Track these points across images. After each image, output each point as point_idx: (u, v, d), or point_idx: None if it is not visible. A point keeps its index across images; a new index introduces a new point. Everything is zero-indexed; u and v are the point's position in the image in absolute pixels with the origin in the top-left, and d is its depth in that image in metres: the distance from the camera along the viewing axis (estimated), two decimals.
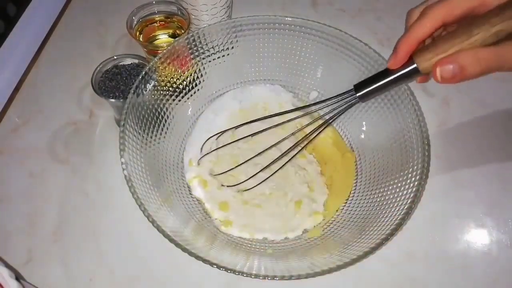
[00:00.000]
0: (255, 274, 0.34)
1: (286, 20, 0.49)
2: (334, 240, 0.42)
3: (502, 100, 0.57)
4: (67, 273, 0.43)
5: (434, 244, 0.46)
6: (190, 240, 0.38)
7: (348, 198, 0.47)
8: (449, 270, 0.44)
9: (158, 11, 0.52)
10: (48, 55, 0.60)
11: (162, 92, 0.47)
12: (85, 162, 0.51)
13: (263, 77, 0.54)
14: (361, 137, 0.50)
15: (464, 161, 0.52)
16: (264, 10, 0.66)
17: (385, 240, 0.36)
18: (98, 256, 0.44)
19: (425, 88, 0.57)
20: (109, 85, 0.48)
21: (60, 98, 0.56)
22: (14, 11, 0.57)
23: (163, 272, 0.44)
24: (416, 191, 0.38)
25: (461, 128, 0.54)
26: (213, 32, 0.49)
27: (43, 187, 0.49)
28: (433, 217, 0.47)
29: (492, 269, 0.45)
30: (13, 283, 0.35)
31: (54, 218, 0.47)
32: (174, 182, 0.46)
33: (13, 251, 0.44)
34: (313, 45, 0.50)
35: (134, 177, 0.38)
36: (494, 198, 0.49)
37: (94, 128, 0.53)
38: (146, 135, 0.45)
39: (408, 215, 0.37)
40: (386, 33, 0.62)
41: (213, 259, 0.35)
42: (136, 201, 0.36)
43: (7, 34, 0.56)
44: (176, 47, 0.47)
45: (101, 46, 0.62)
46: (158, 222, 0.36)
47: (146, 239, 0.44)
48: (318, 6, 0.67)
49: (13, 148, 0.52)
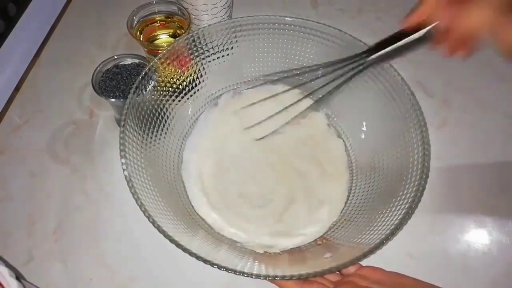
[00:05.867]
0: (256, 274, 0.34)
1: (286, 20, 0.49)
2: (334, 241, 0.42)
3: (502, 100, 0.57)
4: (67, 273, 0.43)
5: (434, 244, 0.46)
6: (190, 240, 0.38)
7: (348, 199, 0.47)
8: (449, 270, 0.45)
9: (158, 11, 0.52)
10: (48, 55, 0.60)
11: (162, 92, 0.47)
12: (85, 162, 0.51)
13: (263, 77, 0.54)
14: (361, 137, 0.50)
15: (464, 161, 0.52)
16: (264, 10, 0.66)
17: (385, 240, 0.36)
18: (98, 256, 0.44)
19: (425, 88, 0.57)
20: (110, 85, 0.48)
21: (60, 98, 0.56)
22: (14, 11, 0.57)
23: (163, 272, 0.44)
24: (416, 190, 0.38)
25: (461, 128, 0.54)
26: (213, 32, 0.49)
27: (43, 187, 0.49)
28: (433, 217, 0.47)
29: (492, 269, 0.45)
30: (13, 283, 0.35)
31: (54, 218, 0.47)
32: (174, 182, 0.46)
33: (14, 250, 0.44)
34: (313, 45, 0.50)
35: (134, 178, 0.38)
36: (494, 198, 0.49)
37: (94, 128, 0.53)
38: (146, 136, 0.45)
39: (408, 214, 0.37)
40: (386, 33, 0.62)
41: (214, 259, 0.35)
42: (136, 201, 0.36)
43: (7, 34, 0.56)
44: (176, 47, 0.47)
45: (102, 46, 0.62)
46: (159, 223, 0.36)
47: (146, 239, 0.45)
48: (318, 6, 0.67)
49: (13, 148, 0.52)
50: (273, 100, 0.52)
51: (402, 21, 0.36)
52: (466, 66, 0.58)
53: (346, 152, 0.50)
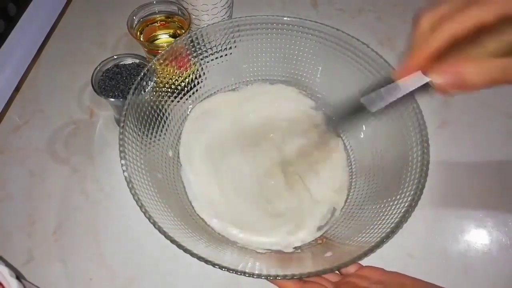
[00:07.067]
0: (257, 274, 0.34)
1: (285, 20, 0.49)
2: (334, 240, 0.42)
3: (502, 100, 0.57)
4: (67, 273, 0.43)
5: (434, 244, 0.46)
6: (192, 241, 0.38)
7: (347, 198, 0.47)
8: (449, 270, 0.45)
9: (158, 11, 0.52)
10: (48, 55, 0.60)
11: (161, 93, 0.47)
12: (85, 162, 0.51)
13: (262, 77, 0.54)
14: (360, 137, 0.50)
15: (464, 161, 0.52)
16: (264, 10, 0.66)
17: (385, 238, 0.36)
18: (98, 256, 0.44)
19: None
20: (109, 85, 0.47)
21: (60, 98, 0.56)
22: (14, 11, 0.57)
23: (163, 273, 0.44)
24: (416, 189, 0.38)
25: (461, 128, 0.54)
26: (212, 32, 0.49)
27: (43, 187, 0.49)
28: (433, 217, 0.47)
29: (492, 269, 0.45)
30: (13, 283, 0.35)
31: (54, 217, 0.47)
32: (174, 183, 0.46)
33: (14, 250, 0.44)
34: (312, 45, 0.50)
35: (134, 179, 0.38)
36: (494, 198, 0.49)
37: (94, 128, 0.53)
38: (145, 137, 0.45)
39: (408, 213, 0.37)
40: (386, 33, 0.62)
41: (215, 260, 0.34)
42: (137, 202, 0.36)
43: (7, 34, 0.56)
44: (175, 48, 0.47)
45: (102, 46, 0.62)
46: (160, 224, 0.36)
47: (146, 239, 0.45)
48: (318, 6, 0.67)
49: (13, 148, 0.52)
50: (272, 99, 0.52)
51: (392, 74, 0.33)
52: None
53: (345, 151, 0.50)
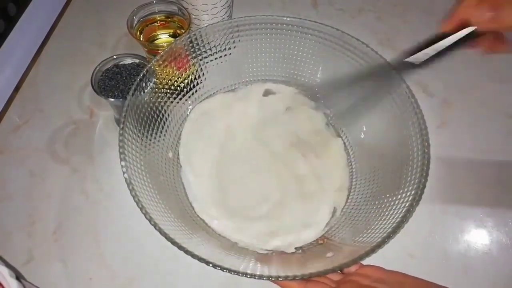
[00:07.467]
0: (259, 275, 0.34)
1: (285, 20, 0.49)
2: (335, 240, 0.42)
3: (502, 100, 0.57)
4: (67, 273, 0.43)
5: (434, 244, 0.46)
6: (192, 242, 0.38)
7: (348, 198, 0.47)
8: (449, 270, 0.45)
9: (158, 11, 0.51)
10: (48, 55, 0.60)
11: (161, 93, 0.47)
12: (85, 161, 0.51)
13: (262, 77, 0.54)
14: (360, 136, 0.50)
15: (464, 161, 0.52)
16: (264, 10, 0.66)
17: (386, 238, 0.36)
18: (98, 256, 0.44)
19: (425, 88, 0.57)
20: (109, 84, 0.47)
21: (60, 98, 0.56)
22: (14, 11, 0.57)
23: (163, 273, 0.44)
24: (416, 188, 0.38)
25: (461, 128, 0.54)
26: (211, 33, 0.49)
27: (43, 187, 0.49)
28: (433, 217, 0.47)
29: (492, 269, 0.45)
30: (13, 283, 0.35)
31: (54, 218, 0.47)
32: (174, 183, 0.46)
33: (14, 250, 0.44)
34: (312, 45, 0.50)
35: (134, 180, 0.38)
36: (494, 198, 0.49)
37: (94, 128, 0.53)
38: (145, 138, 0.44)
39: (409, 213, 0.37)
40: (386, 33, 0.62)
41: (217, 261, 0.34)
42: (137, 204, 0.36)
43: (7, 34, 0.56)
44: (176, 48, 0.47)
45: (102, 46, 0.61)
46: (160, 225, 0.35)
47: (146, 239, 0.44)
48: (318, 6, 0.67)
49: (13, 148, 0.52)
50: (272, 99, 0.52)
51: (441, 23, 0.35)
52: (466, 66, 0.58)
53: (345, 151, 0.50)
